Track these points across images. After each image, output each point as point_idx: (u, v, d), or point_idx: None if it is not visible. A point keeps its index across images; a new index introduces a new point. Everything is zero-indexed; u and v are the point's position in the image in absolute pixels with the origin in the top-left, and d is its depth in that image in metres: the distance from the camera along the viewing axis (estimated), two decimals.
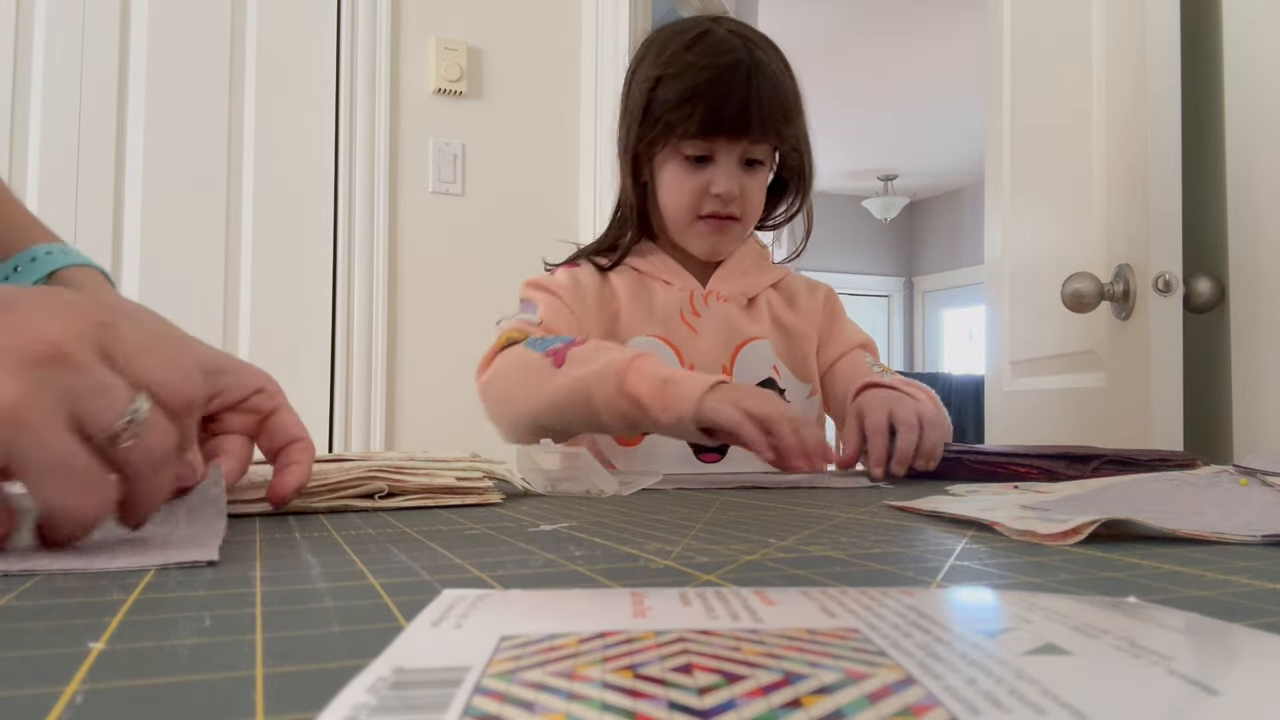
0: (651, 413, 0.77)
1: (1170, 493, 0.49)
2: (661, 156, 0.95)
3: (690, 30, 0.93)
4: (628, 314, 0.98)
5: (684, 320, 0.98)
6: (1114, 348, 1.25)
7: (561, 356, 0.83)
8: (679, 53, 0.91)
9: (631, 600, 0.22)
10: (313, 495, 0.50)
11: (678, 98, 0.90)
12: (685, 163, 0.93)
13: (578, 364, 0.82)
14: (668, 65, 0.91)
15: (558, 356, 0.83)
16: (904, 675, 0.15)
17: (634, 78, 0.97)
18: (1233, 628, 0.20)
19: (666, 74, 0.91)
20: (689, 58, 0.90)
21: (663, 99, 0.91)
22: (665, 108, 0.91)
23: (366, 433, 1.72)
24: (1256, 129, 1.15)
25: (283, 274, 1.70)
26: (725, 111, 0.89)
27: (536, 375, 0.84)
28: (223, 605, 0.25)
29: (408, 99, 1.78)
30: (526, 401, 0.85)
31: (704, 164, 0.93)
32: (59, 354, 0.31)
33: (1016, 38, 1.57)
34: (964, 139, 5.92)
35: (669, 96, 0.91)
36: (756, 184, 0.95)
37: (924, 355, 7.56)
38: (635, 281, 0.99)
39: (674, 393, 0.76)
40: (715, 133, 0.90)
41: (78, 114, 1.59)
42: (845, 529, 0.41)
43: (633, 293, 0.99)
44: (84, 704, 0.16)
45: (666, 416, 0.77)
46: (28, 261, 0.55)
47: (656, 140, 0.93)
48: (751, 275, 1.03)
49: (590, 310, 0.98)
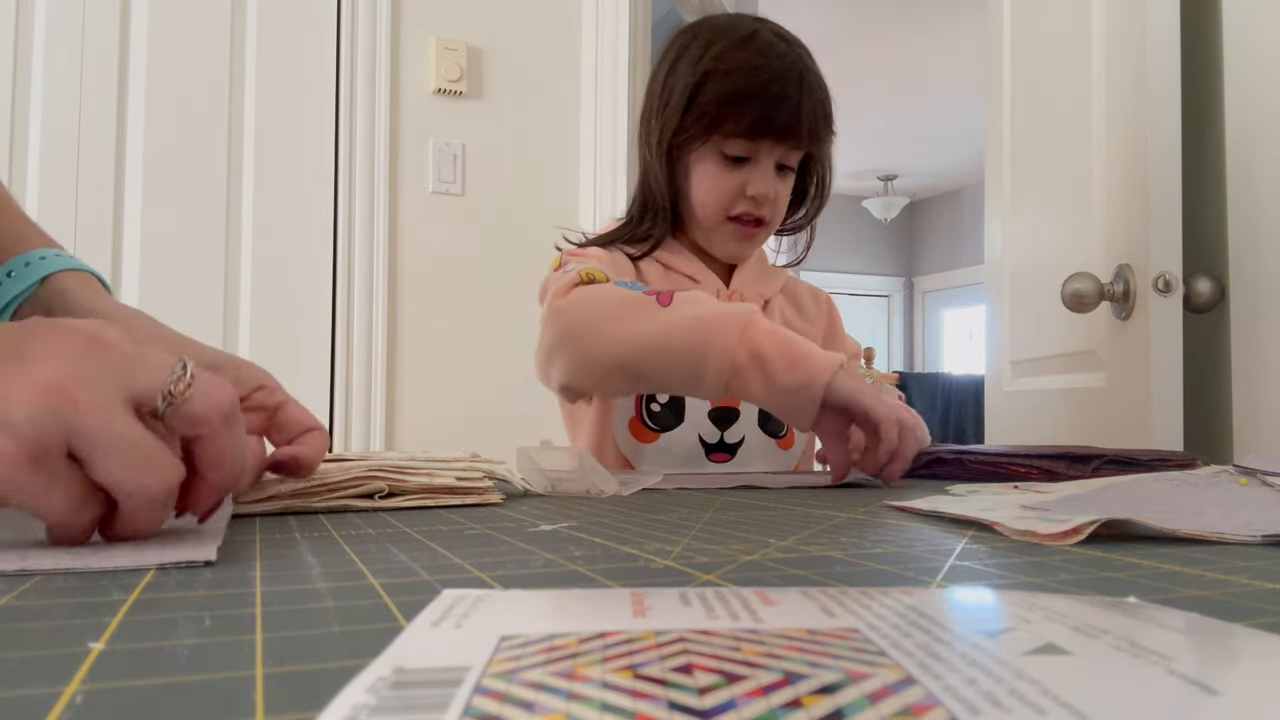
0: (773, 372, 0.71)
1: (1170, 493, 0.49)
2: (699, 153, 0.93)
3: (739, 29, 0.92)
4: None
5: None
6: (1114, 348, 1.25)
7: (668, 296, 0.77)
8: (730, 50, 0.89)
9: (631, 600, 0.22)
10: (313, 495, 0.50)
11: (729, 96, 0.88)
12: (723, 161, 0.92)
13: (689, 304, 0.76)
14: (718, 61, 0.89)
15: (662, 295, 0.77)
16: (904, 675, 0.15)
17: (674, 71, 0.94)
18: (1233, 628, 0.20)
19: (716, 69, 0.89)
20: (741, 56, 0.89)
21: (710, 96, 0.89)
22: (712, 105, 0.89)
23: (366, 433, 1.72)
24: (1257, 128, 1.15)
25: (283, 274, 1.70)
26: (777, 115, 0.88)
27: (637, 309, 0.77)
28: (223, 605, 0.25)
29: (408, 99, 1.78)
30: (619, 336, 0.77)
31: (742, 164, 0.92)
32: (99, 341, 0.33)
33: (1016, 38, 1.57)
34: (964, 139, 5.92)
35: (718, 94, 0.89)
36: (786, 189, 0.95)
37: (924, 355, 7.56)
38: (664, 275, 0.98)
39: (805, 358, 0.71)
40: (763, 135, 0.89)
41: (78, 114, 1.59)
42: (845, 529, 0.41)
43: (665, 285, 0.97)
44: (84, 704, 0.16)
45: (791, 379, 0.71)
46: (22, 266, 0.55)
47: (697, 136, 0.91)
48: (765, 279, 1.03)
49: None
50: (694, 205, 0.95)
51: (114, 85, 1.62)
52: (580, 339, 0.79)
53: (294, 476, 0.49)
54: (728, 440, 0.96)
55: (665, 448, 0.94)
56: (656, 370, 0.76)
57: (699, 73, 0.90)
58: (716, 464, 0.95)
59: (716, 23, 0.95)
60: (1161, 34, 1.15)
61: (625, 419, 0.95)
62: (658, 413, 0.94)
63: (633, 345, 0.76)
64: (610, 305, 0.79)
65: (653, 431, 0.94)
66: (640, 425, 0.94)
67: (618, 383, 0.81)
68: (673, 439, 0.94)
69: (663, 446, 0.94)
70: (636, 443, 0.95)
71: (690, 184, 0.95)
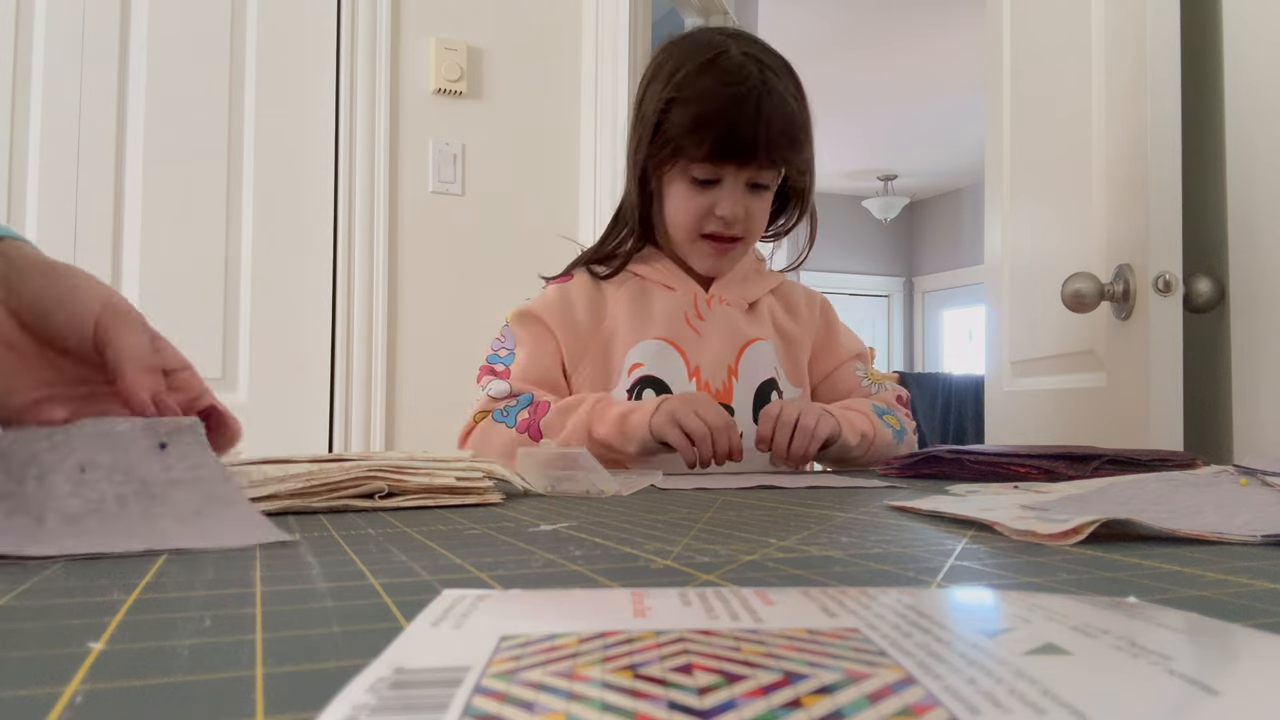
0: (619, 449, 0.88)
1: (1170, 493, 0.49)
2: (670, 175, 0.96)
3: (705, 51, 0.93)
4: (626, 321, 0.99)
5: (688, 323, 0.99)
6: (1114, 348, 1.25)
7: (535, 429, 0.91)
8: (692, 76, 0.92)
9: (631, 600, 0.22)
10: (313, 495, 0.50)
11: (688, 123, 0.91)
12: (692, 183, 0.94)
13: (551, 431, 0.90)
14: (680, 88, 0.92)
15: (532, 429, 0.91)
16: (904, 675, 0.15)
17: (646, 93, 0.97)
18: (1233, 628, 0.20)
19: (679, 97, 0.92)
20: (702, 83, 0.91)
21: (674, 122, 0.92)
22: (676, 131, 0.92)
23: (366, 433, 1.72)
24: (1257, 128, 1.15)
25: (283, 274, 1.70)
26: (734, 140, 0.90)
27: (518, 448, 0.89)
28: (223, 605, 0.25)
29: (408, 99, 1.78)
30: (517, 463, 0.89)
31: (710, 186, 0.94)
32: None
33: (1016, 38, 1.57)
34: (964, 139, 5.92)
35: (680, 120, 0.91)
36: (761, 205, 0.97)
37: (924, 355, 7.56)
38: (636, 289, 1.01)
39: (630, 424, 0.87)
40: (723, 159, 0.92)
41: (78, 114, 1.59)
42: (845, 529, 0.41)
43: (631, 300, 1.00)
44: (84, 704, 0.16)
45: (632, 447, 0.87)
46: None
47: (665, 160, 0.94)
48: (751, 282, 1.05)
49: (580, 325, 0.99)
50: (668, 224, 0.98)
51: (114, 85, 1.62)
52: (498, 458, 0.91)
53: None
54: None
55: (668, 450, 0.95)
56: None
57: (664, 99, 0.93)
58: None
59: (687, 43, 0.97)
60: (1161, 34, 1.15)
61: None
62: None
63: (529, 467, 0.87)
64: (498, 449, 0.90)
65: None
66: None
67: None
68: None
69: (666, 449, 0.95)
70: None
71: (665, 203, 0.98)
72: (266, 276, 1.69)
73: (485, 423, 0.94)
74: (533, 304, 1.01)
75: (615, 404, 0.91)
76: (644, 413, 0.87)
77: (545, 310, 0.99)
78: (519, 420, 0.92)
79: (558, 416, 0.91)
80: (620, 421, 0.88)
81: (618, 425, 0.88)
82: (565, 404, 0.92)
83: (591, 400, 0.91)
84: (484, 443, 0.92)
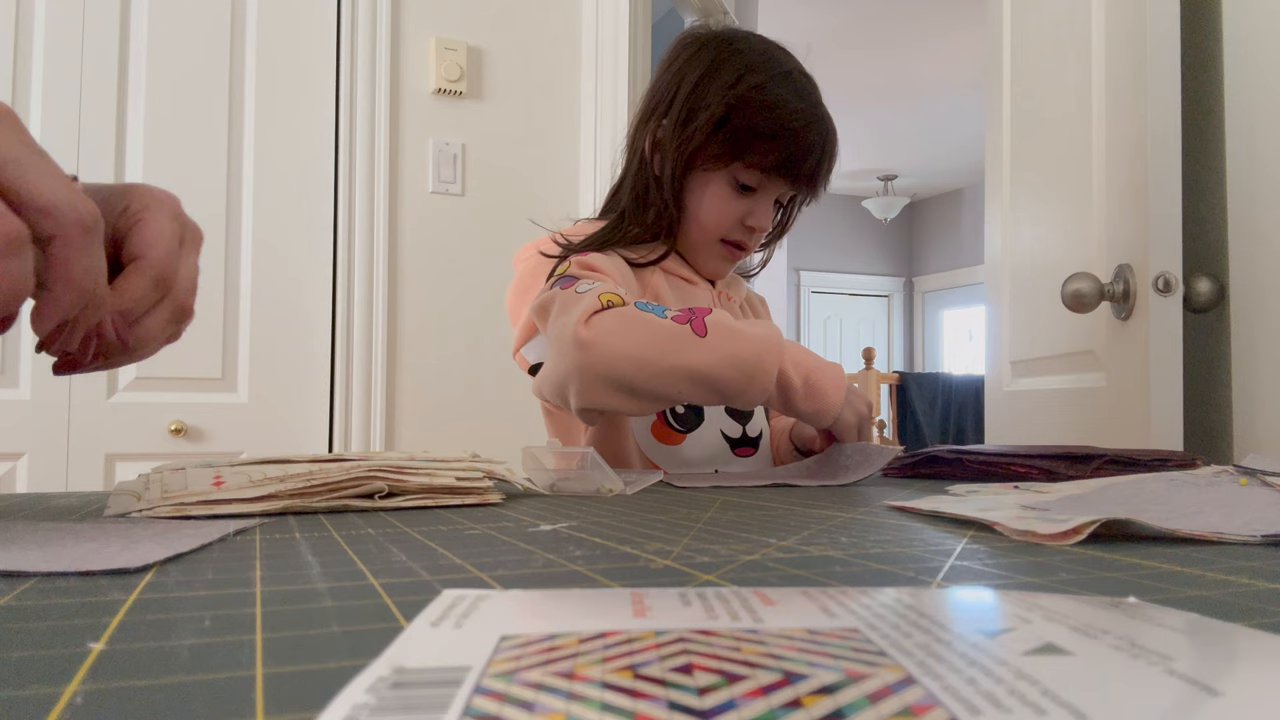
0: (793, 399, 0.78)
1: (1170, 493, 0.49)
2: (710, 174, 0.93)
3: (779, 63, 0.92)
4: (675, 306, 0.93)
5: None
6: (1114, 348, 1.25)
7: (700, 324, 0.76)
8: (771, 83, 0.89)
9: (631, 600, 0.22)
10: (313, 495, 0.50)
11: (762, 129, 0.89)
12: (734, 188, 0.93)
13: (724, 335, 0.75)
14: (759, 91, 0.89)
15: (695, 323, 0.76)
16: (904, 675, 0.15)
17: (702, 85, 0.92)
18: (1233, 628, 0.20)
19: (755, 100, 0.89)
20: (781, 93, 0.89)
21: (744, 123, 0.89)
22: (743, 132, 0.89)
23: (366, 433, 1.72)
24: (1257, 128, 1.15)
25: (283, 273, 1.70)
26: (803, 160, 0.90)
27: (675, 343, 0.75)
28: (223, 605, 0.25)
29: (408, 99, 1.78)
30: (662, 371, 0.75)
31: (748, 193, 0.93)
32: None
33: (1016, 38, 1.57)
34: (964, 139, 5.92)
35: (752, 123, 0.89)
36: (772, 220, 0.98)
37: (924, 355, 7.56)
38: (664, 278, 0.98)
39: (819, 391, 0.79)
40: (782, 174, 0.91)
41: (78, 114, 1.59)
42: (845, 529, 0.41)
43: (670, 288, 0.97)
44: (84, 704, 0.16)
45: (807, 406, 0.79)
46: None
47: (719, 158, 0.91)
48: (733, 284, 1.06)
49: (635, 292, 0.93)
50: (693, 221, 0.96)
51: (114, 85, 1.62)
52: (617, 374, 0.76)
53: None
54: (749, 434, 0.97)
55: (691, 447, 0.94)
56: (699, 399, 0.79)
57: (735, 97, 0.89)
58: (742, 458, 0.96)
59: (754, 47, 0.93)
60: (1161, 34, 1.15)
61: (647, 423, 0.93)
62: (681, 414, 0.94)
63: (677, 380, 0.75)
64: (647, 341, 0.75)
65: (678, 433, 0.93)
66: (665, 427, 0.93)
67: (653, 409, 0.84)
68: (697, 438, 0.94)
69: (689, 446, 0.94)
70: (661, 444, 0.94)
71: (693, 199, 0.95)
72: (266, 276, 1.69)
73: (626, 310, 0.77)
74: (592, 259, 0.90)
75: (805, 353, 0.80)
76: (836, 394, 0.79)
77: (607, 268, 0.89)
78: (673, 315, 0.77)
79: (733, 322, 0.78)
80: (812, 377, 0.78)
81: (808, 378, 0.78)
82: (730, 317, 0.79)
83: (775, 329, 0.80)
84: (624, 334, 0.75)
